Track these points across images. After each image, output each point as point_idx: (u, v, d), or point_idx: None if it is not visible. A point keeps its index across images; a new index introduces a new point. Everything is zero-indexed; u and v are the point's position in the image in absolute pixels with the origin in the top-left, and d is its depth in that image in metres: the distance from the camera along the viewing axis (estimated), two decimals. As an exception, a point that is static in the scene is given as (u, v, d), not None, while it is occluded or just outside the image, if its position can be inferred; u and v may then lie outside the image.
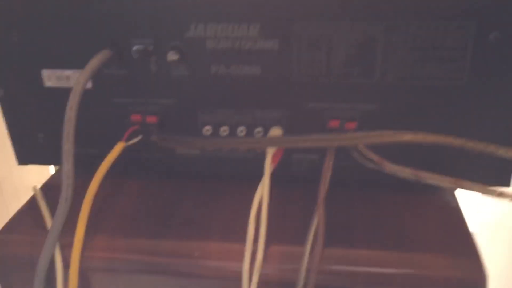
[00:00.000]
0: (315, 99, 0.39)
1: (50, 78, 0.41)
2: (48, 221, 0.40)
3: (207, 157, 0.43)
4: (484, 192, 0.33)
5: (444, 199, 0.43)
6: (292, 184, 0.43)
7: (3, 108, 0.43)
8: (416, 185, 0.44)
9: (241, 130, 0.40)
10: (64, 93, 0.38)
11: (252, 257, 0.37)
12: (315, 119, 0.39)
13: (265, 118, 0.40)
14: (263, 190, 0.37)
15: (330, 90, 0.38)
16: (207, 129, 0.41)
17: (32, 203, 0.44)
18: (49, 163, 0.46)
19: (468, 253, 0.37)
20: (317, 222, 0.36)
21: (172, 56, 0.37)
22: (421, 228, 0.39)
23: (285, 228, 0.39)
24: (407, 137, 0.32)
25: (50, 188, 0.46)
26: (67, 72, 0.41)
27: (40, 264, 0.38)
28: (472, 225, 0.39)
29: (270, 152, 0.38)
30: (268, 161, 0.37)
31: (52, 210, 0.41)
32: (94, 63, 0.37)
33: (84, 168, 0.39)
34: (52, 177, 0.49)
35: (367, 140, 0.33)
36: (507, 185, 0.40)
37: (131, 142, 0.41)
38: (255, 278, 0.36)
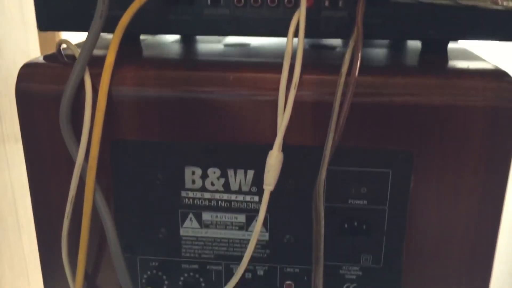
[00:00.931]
0: None
1: None
2: (77, 53, 0.39)
3: (235, 16, 0.43)
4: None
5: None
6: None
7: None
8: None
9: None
10: None
11: (288, 83, 0.36)
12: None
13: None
14: (300, 13, 0.37)
15: None
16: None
17: (54, 54, 0.43)
18: (72, 29, 0.45)
19: (506, 83, 0.37)
20: (354, 42, 0.36)
21: None
22: (458, 70, 0.39)
23: (320, 63, 0.39)
24: None
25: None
26: None
27: (68, 87, 0.36)
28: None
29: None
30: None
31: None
32: None
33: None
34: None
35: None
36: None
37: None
38: (290, 99, 0.36)
